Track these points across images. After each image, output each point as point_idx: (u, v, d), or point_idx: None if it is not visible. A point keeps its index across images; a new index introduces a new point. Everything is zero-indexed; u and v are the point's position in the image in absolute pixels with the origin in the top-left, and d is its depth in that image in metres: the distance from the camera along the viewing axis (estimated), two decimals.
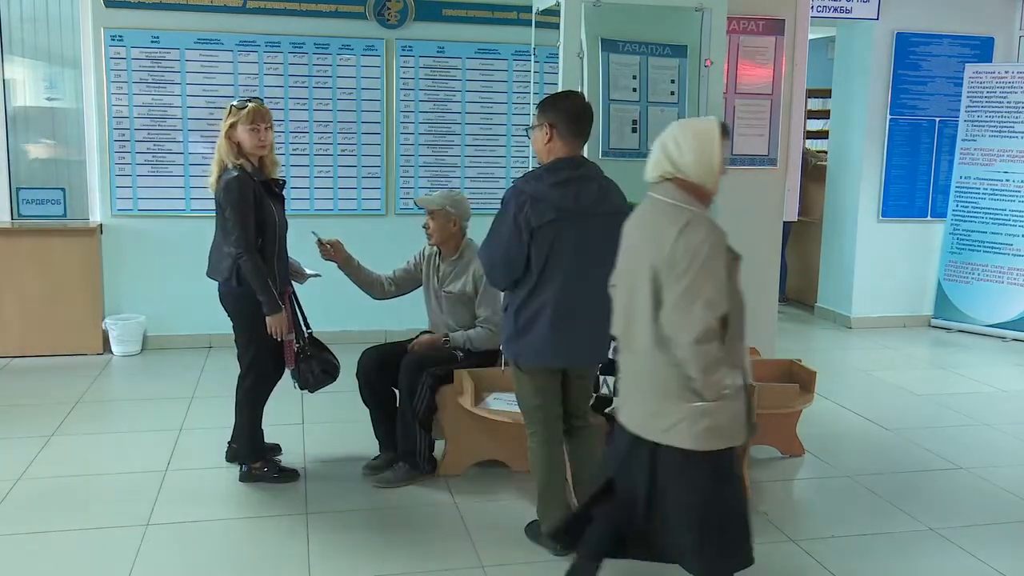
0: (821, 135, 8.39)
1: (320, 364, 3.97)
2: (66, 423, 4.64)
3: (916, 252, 7.37)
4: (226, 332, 3.94)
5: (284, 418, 4.54)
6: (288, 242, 3.95)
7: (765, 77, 4.84)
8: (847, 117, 7.38)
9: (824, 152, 8.11)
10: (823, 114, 8.48)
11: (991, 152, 7.05)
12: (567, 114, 3.11)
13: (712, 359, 2.40)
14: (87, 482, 3.92)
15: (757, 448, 4.26)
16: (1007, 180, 6.99)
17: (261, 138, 3.72)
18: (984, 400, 5.45)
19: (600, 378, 3.76)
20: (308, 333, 4.02)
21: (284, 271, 3.90)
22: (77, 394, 5.12)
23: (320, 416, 4.76)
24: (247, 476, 3.93)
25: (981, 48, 7.22)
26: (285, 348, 3.86)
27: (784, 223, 4.98)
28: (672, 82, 4.45)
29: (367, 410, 4.09)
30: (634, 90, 4.43)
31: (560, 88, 4.05)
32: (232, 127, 3.71)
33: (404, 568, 3.23)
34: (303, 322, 4.04)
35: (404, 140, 6.38)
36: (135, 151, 6.01)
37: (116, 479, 3.95)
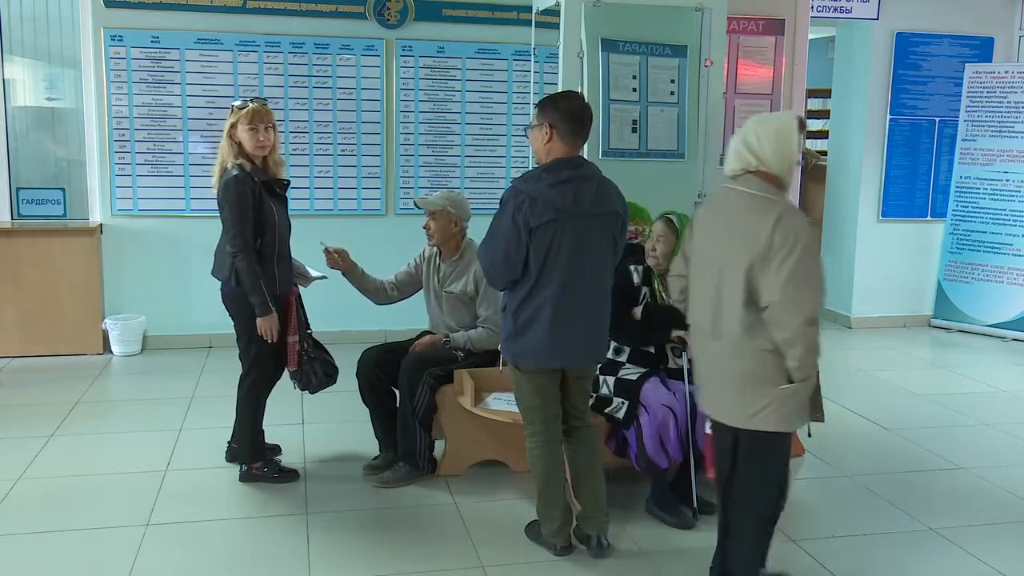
0: (821, 135, 8.39)
1: (322, 366, 3.99)
2: (66, 423, 4.64)
3: (916, 252, 7.37)
4: (226, 332, 3.94)
5: (284, 418, 4.54)
6: (291, 243, 3.95)
7: (765, 77, 4.84)
8: (847, 117, 7.37)
9: (824, 152, 8.11)
10: (823, 114, 8.48)
11: (991, 152, 7.05)
12: (566, 114, 3.11)
13: (816, 341, 2.56)
14: (87, 482, 3.92)
15: None
16: (1007, 180, 6.99)
17: (260, 139, 3.72)
18: (984, 400, 5.45)
19: (600, 378, 3.76)
20: (308, 334, 4.02)
21: (287, 272, 3.89)
22: (77, 394, 5.12)
23: (320, 416, 4.76)
24: (247, 476, 3.93)
25: (981, 48, 7.22)
26: (288, 349, 3.86)
27: None
28: (672, 82, 4.46)
29: (367, 410, 4.09)
30: (634, 90, 4.43)
31: (560, 88, 4.06)
32: (233, 127, 3.73)
33: (404, 568, 3.24)
34: (306, 323, 4.04)
35: (404, 140, 6.37)
36: (135, 151, 6.00)
37: (116, 479, 3.95)
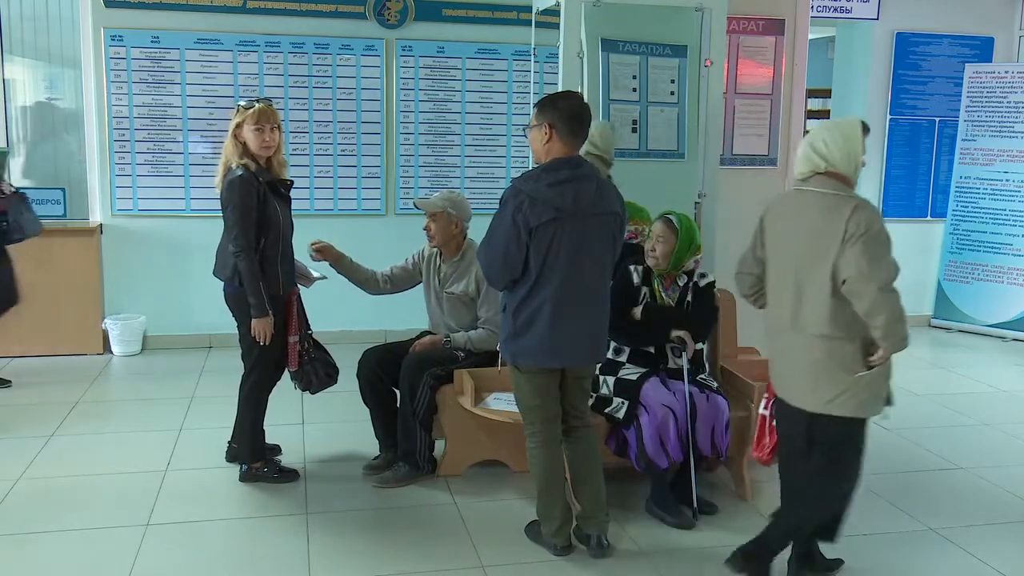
0: None
1: (323, 366, 4.00)
2: (66, 423, 4.64)
3: (916, 252, 7.34)
4: (226, 332, 3.94)
5: (284, 418, 4.53)
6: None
7: (765, 77, 4.84)
8: None
9: None
10: (823, 114, 8.46)
11: (991, 152, 7.05)
12: (565, 114, 3.10)
13: (898, 307, 2.73)
14: (87, 482, 3.92)
15: None
16: (1007, 180, 6.99)
17: (265, 139, 3.72)
18: (984, 400, 5.45)
19: (600, 378, 3.76)
20: (309, 334, 4.02)
21: (289, 273, 3.89)
22: (77, 394, 5.11)
23: (320, 416, 4.75)
24: (247, 476, 3.93)
25: (981, 48, 7.22)
26: (289, 350, 3.86)
27: None
28: (672, 82, 4.46)
29: (367, 410, 4.09)
30: (634, 90, 4.43)
31: (560, 88, 4.06)
32: (239, 127, 3.73)
33: (404, 568, 3.23)
34: (306, 324, 4.03)
35: (404, 140, 6.37)
36: (135, 151, 6.01)
37: (116, 479, 3.95)
